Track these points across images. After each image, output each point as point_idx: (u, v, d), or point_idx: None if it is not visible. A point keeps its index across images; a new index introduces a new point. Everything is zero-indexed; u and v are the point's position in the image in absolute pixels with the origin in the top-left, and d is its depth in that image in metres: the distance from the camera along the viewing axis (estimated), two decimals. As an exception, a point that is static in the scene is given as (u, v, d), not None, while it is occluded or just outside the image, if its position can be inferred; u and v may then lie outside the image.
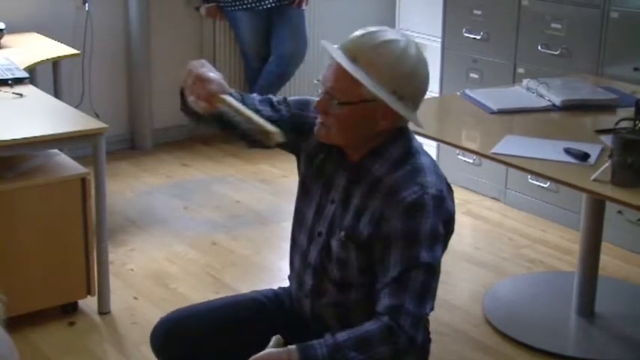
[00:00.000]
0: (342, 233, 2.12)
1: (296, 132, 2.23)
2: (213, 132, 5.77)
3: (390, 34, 2.06)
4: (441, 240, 2.07)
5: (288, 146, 2.27)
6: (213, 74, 2.12)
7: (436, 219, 2.03)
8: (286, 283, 2.40)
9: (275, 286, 2.48)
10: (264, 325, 2.16)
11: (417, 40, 5.62)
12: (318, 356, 1.96)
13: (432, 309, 2.21)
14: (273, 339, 2.06)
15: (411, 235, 2.01)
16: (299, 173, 2.30)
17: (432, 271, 2.04)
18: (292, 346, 1.98)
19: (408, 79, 2.05)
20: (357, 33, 2.08)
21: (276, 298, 2.39)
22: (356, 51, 2.04)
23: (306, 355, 1.96)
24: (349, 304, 2.17)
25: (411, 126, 2.19)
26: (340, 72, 2.04)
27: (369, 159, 2.11)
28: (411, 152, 2.11)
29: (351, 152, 2.15)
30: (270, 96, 2.30)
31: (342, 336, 1.98)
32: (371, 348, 1.97)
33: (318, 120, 2.12)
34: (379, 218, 2.05)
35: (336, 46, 2.09)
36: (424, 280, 2.02)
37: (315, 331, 2.06)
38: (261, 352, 1.99)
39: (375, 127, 2.07)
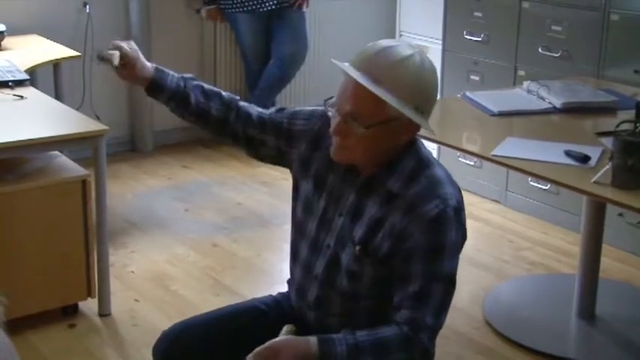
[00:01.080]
0: (357, 248, 2.10)
1: (285, 138, 2.23)
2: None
3: (402, 48, 2.01)
4: (460, 251, 2.08)
5: (276, 157, 2.28)
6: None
7: (457, 232, 2.04)
8: (286, 287, 2.39)
9: (275, 289, 2.47)
10: (266, 333, 2.15)
11: (417, 42, 5.63)
12: (337, 353, 1.95)
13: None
14: (285, 328, 2.05)
15: (435, 248, 2.01)
16: (293, 184, 2.29)
17: (452, 284, 2.05)
18: (312, 337, 1.97)
19: (428, 93, 2.03)
20: (370, 51, 2.01)
21: (276, 304, 2.38)
22: (376, 71, 1.97)
23: (326, 349, 1.95)
24: (355, 312, 2.17)
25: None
26: (362, 94, 1.98)
27: (384, 172, 2.08)
28: (424, 163, 2.09)
29: (364, 167, 2.12)
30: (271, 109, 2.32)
31: (362, 336, 1.97)
32: (388, 353, 1.98)
33: (335, 142, 2.06)
34: (400, 233, 2.03)
35: (347, 63, 2.03)
36: (444, 293, 2.02)
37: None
38: (281, 338, 1.98)
39: (397, 142, 2.06)
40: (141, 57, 2.26)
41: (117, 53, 2.22)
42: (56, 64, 4.59)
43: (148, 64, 2.27)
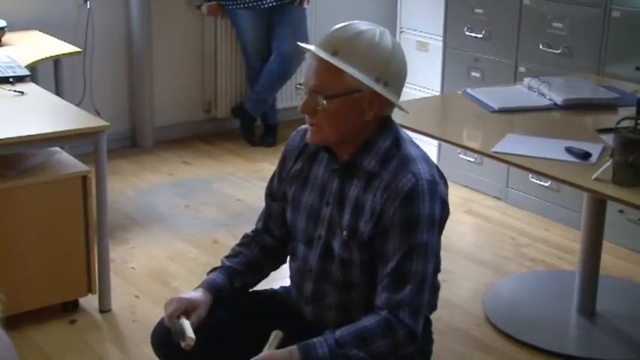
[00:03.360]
0: (345, 233, 2.12)
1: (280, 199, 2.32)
2: (215, 130, 5.82)
3: (362, 25, 2.11)
4: (437, 224, 2.08)
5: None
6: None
7: (432, 204, 2.06)
8: (287, 282, 2.40)
9: (275, 284, 2.48)
10: (264, 324, 2.16)
11: (418, 38, 5.62)
12: (319, 355, 1.97)
13: (434, 307, 2.21)
14: (273, 334, 2.06)
15: (409, 221, 2.03)
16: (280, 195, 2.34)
17: (431, 256, 2.06)
18: (293, 346, 1.99)
19: (388, 64, 2.08)
20: (331, 30, 2.12)
21: (276, 297, 2.39)
22: (334, 44, 2.07)
23: (308, 354, 1.97)
24: (351, 304, 2.18)
25: (409, 123, 2.20)
26: (322, 67, 2.07)
27: (359, 155, 2.13)
28: (397, 143, 2.13)
29: (340, 151, 2.16)
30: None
31: (341, 333, 1.99)
32: (370, 343, 1.98)
33: (307, 124, 2.14)
34: (379, 214, 2.06)
35: (312, 46, 2.12)
36: (423, 267, 2.03)
37: (316, 332, 2.06)
38: (263, 353, 2.00)
39: (363, 116, 2.10)
40: (202, 307, 2.21)
41: (188, 326, 2.13)
42: (57, 60, 4.59)
43: (201, 296, 2.23)
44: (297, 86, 2.20)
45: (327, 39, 2.10)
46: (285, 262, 2.40)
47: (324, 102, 2.06)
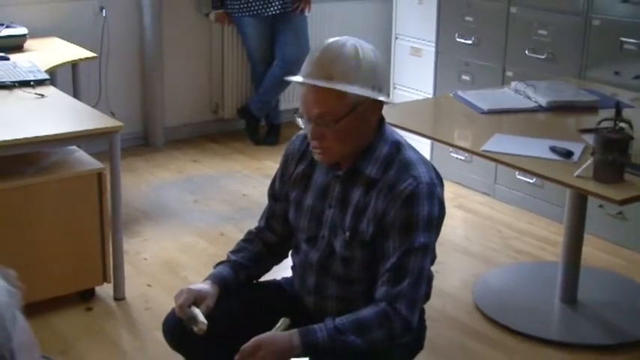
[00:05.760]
0: (347, 234, 2.12)
1: (282, 199, 2.31)
2: (222, 130, 5.82)
3: (336, 43, 2.07)
4: (435, 224, 2.09)
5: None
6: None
7: (431, 206, 2.06)
8: (288, 273, 2.40)
9: (278, 275, 2.48)
10: (268, 313, 2.16)
11: (412, 44, 5.62)
12: (319, 340, 1.97)
13: (428, 297, 2.21)
14: (281, 321, 2.06)
15: (409, 222, 2.03)
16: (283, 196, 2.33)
17: (428, 253, 2.06)
18: (294, 330, 1.99)
19: (376, 71, 2.07)
20: (312, 58, 2.07)
21: (279, 288, 2.39)
22: (326, 70, 2.02)
23: (307, 338, 1.97)
24: (351, 296, 2.18)
25: (404, 123, 2.19)
26: (322, 95, 2.03)
27: (361, 162, 2.12)
28: (397, 148, 2.13)
29: (343, 159, 2.15)
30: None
31: (341, 320, 2.00)
32: (368, 332, 1.98)
33: (314, 147, 2.10)
34: (381, 215, 2.06)
35: (299, 77, 2.07)
36: (420, 263, 2.04)
37: (318, 321, 2.06)
38: (265, 334, 2.00)
39: (369, 124, 2.10)
40: (210, 297, 2.20)
41: (198, 312, 2.13)
42: (74, 65, 4.58)
43: (209, 287, 2.22)
44: (295, 114, 2.15)
45: (315, 67, 2.05)
46: (286, 256, 2.40)
47: (335, 125, 2.03)
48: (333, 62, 2.03)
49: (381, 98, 2.06)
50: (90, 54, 4.56)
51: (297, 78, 2.08)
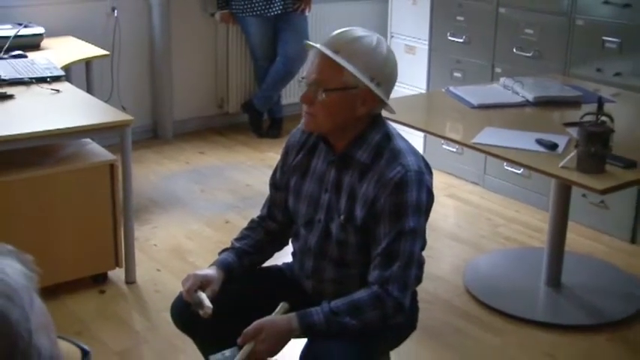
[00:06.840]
0: (342, 217, 2.12)
1: (283, 189, 2.31)
2: (227, 124, 5.81)
3: (362, 31, 2.12)
4: (424, 209, 2.09)
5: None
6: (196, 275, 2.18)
7: (419, 192, 2.06)
8: (288, 259, 2.41)
9: (279, 261, 2.48)
10: (270, 297, 2.16)
11: (406, 42, 5.60)
12: (315, 322, 1.97)
13: (419, 280, 2.21)
14: (280, 305, 2.07)
15: (398, 208, 2.03)
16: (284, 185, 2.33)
17: (418, 237, 2.06)
18: (292, 313, 2.00)
19: (383, 67, 2.08)
20: (335, 32, 2.12)
21: (280, 273, 2.40)
22: (337, 44, 2.07)
23: (305, 321, 1.98)
24: (347, 279, 2.18)
25: (399, 117, 2.19)
26: (324, 63, 2.06)
27: (353, 147, 2.12)
28: (388, 137, 2.13)
29: (335, 142, 2.16)
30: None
31: (336, 303, 2.00)
32: (362, 313, 1.99)
33: (304, 111, 2.13)
34: (372, 202, 2.06)
35: (317, 44, 2.12)
36: (410, 247, 2.04)
37: (316, 304, 2.07)
38: (266, 318, 2.01)
39: (355, 111, 2.09)
40: (215, 282, 2.19)
41: (204, 297, 2.12)
42: (88, 62, 4.58)
43: (214, 273, 2.21)
44: (300, 79, 2.19)
45: (330, 40, 2.10)
46: (287, 244, 2.40)
47: (324, 94, 2.06)
48: (346, 41, 2.07)
49: (375, 91, 2.05)
50: (102, 52, 4.56)
51: (316, 44, 2.11)
